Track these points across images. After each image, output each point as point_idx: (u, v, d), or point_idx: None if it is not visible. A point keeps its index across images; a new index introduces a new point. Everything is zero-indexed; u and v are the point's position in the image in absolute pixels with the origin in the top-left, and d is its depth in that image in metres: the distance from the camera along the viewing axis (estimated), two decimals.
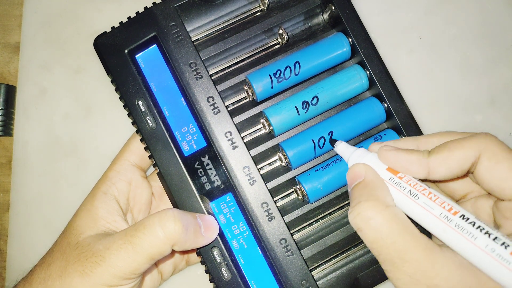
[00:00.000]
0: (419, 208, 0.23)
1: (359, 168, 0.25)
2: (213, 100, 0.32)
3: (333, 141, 0.29)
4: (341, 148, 0.28)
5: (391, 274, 0.23)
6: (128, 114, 0.32)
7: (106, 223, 0.30)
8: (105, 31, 0.33)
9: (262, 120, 0.33)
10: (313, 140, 0.32)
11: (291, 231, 0.33)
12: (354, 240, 0.33)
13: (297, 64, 0.32)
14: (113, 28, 0.32)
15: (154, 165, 0.31)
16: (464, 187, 0.26)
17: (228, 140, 0.31)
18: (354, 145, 0.33)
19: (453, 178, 0.25)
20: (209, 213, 0.31)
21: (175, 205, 0.31)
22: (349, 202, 0.33)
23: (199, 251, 0.31)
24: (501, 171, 0.22)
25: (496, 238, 0.21)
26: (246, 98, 0.34)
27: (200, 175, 0.31)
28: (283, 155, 0.33)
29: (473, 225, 0.21)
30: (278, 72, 0.32)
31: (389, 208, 0.23)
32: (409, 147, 0.25)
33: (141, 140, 0.32)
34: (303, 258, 0.31)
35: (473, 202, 0.26)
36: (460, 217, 0.22)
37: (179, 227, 0.27)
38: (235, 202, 0.31)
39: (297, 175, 0.33)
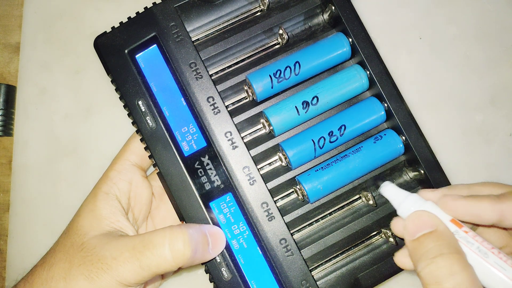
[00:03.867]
0: (489, 268, 0.22)
1: (429, 217, 0.23)
2: (213, 100, 0.32)
3: (377, 181, 0.27)
4: (390, 190, 0.26)
5: None
6: (128, 114, 0.32)
7: (110, 222, 0.30)
8: (105, 31, 0.33)
9: (262, 120, 0.33)
10: (313, 140, 0.32)
11: (291, 231, 0.33)
12: (354, 240, 0.33)
13: (297, 64, 0.32)
14: (113, 28, 0.32)
15: (154, 165, 0.31)
16: (502, 240, 0.26)
17: (228, 140, 0.31)
18: (354, 145, 0.33)
19: None
20: (210, 215, 0.31)
21: (175, 204, 0.31)
22: (349, 202, 0.33)
23: None
24: None
25: None
26: (246, 98, 0.34)
27: (200, 175, 0.31)
28: (283, 155, 0.33)
29: None
30: (278, 72, 0.32)
31: (470, 265, 0.22)
32: (464, 194, 0.24)
33: (141, 140, 0.32)
34: (303, 258, 0.31)
35: None
36: None
37: (188, 251, 0.27)
38: (235, 202, 0.31)
39: (297, 175, 0.33)
